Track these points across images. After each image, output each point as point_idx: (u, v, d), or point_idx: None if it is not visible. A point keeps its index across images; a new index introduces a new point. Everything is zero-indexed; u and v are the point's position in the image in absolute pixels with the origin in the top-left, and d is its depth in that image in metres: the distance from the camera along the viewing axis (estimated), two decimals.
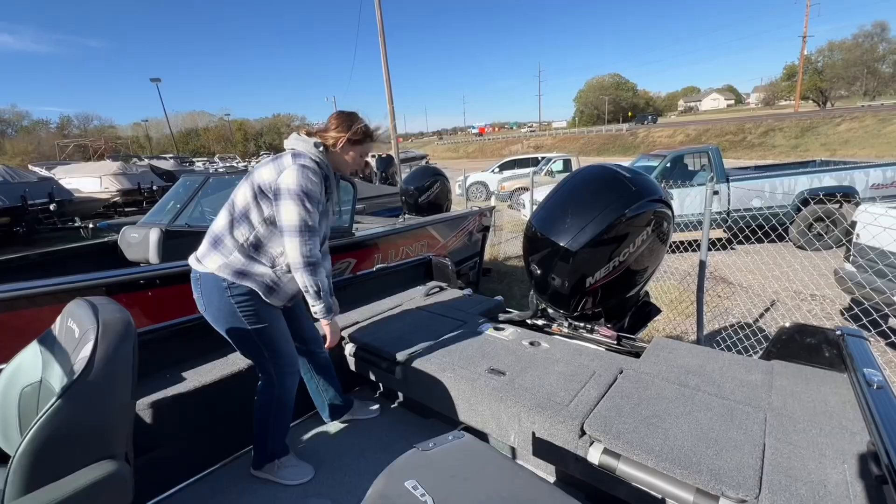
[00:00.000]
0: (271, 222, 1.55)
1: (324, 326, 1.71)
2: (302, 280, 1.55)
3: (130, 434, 1.11)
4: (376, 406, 2.25)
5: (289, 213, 1.48)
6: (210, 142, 68.59)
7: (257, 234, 1.56)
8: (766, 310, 4.54)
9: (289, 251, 1.52)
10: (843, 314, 4.18)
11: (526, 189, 9.10)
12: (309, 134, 1.67)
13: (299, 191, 1.47)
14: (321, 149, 1.62)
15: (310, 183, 1.50)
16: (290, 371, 1.75)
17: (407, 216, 5.56)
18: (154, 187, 12.47)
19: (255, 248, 1.57)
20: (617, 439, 1.37)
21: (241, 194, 1.57)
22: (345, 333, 2.32)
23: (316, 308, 1.63)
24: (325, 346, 1.78)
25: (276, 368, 1.70)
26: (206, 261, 1.57)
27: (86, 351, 1.00)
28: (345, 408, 2.13)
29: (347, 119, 1.69)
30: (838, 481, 1.15)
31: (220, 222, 1.60)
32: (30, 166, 15.27)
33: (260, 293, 1.60)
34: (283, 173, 1.49)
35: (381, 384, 2.15)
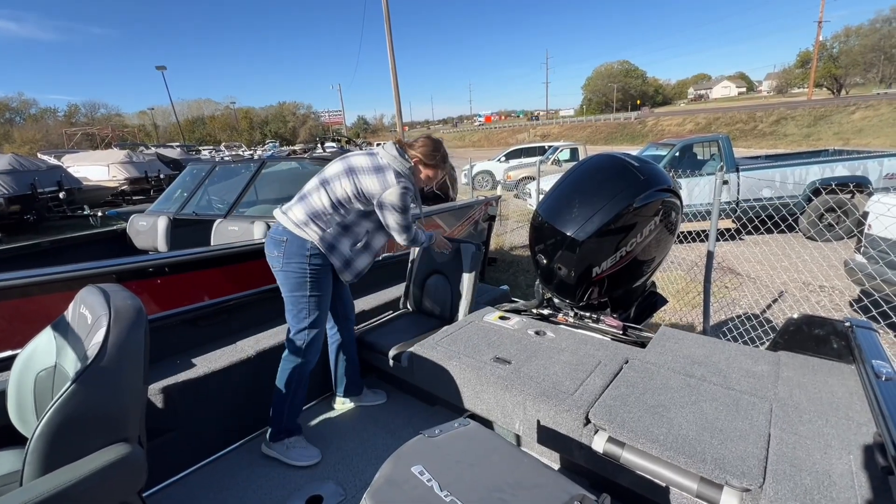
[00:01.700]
0: (363, 215, 1.90)
1: (433, 244, 2.28)
2: (413, 247, 2.41)
3: (143, 418, 1.13)
4: (383, 393, 2.28)
5: (394, 220, 1.89)
6: (216, 130, 68.56)
7: (351, 220, 1.88)
8: (774, 301, 4.50)
9: (398, 240, 1.98)
10: (852, 306, 4.14)
11: (532, 178, 9.04)
12: (402, 145, 1.96)
13: (401, 205, 1.86)
14: (411, 171, 1.94)
15: (406, 201, 1.88)
16: (316, 344, 1.91)
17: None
18: (161, 175, 12.53)
19: (345, 228, 1.88)
20: (622, 428, 1.38)
21: (341, 187, 1.84)
22: None
23: (426, 243, 2.15)
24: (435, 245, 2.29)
25: (308, 336, 1.86)
26: (307, 229, 1.82)
27: (98, 337, 1.02)
28: (357, 389, 2.22)
29: (429, 145, 2.00)
30: (843, 472, 1.15)
31: (318, 200, 1.84)
32: (39, 154, 15.38)
33: (336, 267, 1.90)
34: (388, 191, 1.81)
35: (387, 372, 2.17)
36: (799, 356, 1.77)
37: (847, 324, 1.71)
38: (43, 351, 1.27)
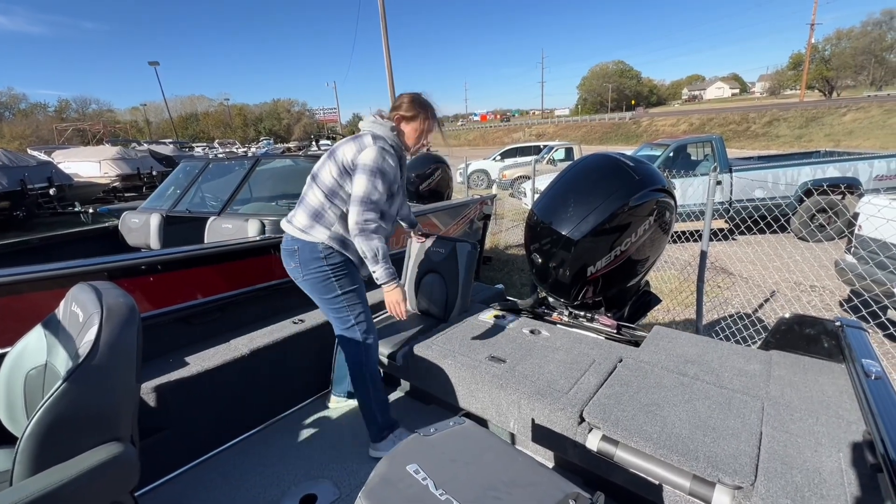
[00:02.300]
0: None
1: (386, 293, 1.76)
2: (359, 245, 1.67)
3: (135, 417, 1.12)
4: None
5: (359, 185, 1.64)
6: (209, 127, 68.03)
7: (348, 207, 1.72)
8: (766, 300, 4.55)
9: (349, 218, 1.66)
10: (842, 305, 4.19)
11: (527, 177, 9.07)
12: (382, 117, 1.80)
13: (375, 167, 1.64)
14: (395, 133, 1.76)
15: (386, 165, 1.66)
16: (372, 339, 1.86)
17: (407, 203, 5.53)
18: (154, 172, 12.39)
19: (346, 220, 1.72)
20: (615, 426, 1.39)
21: (327, 172, 1.72)
22: None
23: (377, 272, 1.70)
24: (389, 312, 1.83)
25: (359, 333, 1.81)
26: (313, 231, 1.72)
27: (90, 335, 1.00)
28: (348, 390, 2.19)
29: (404, 96, 1.83)
30: (833, 469, 1.16)
31: (314, 198, 1.74)
32: (28, 150, 15.17)
33: (354, 262, 1.80)
34: (364, 150, 1.65)
35: (382, 371, 2.17)
36: (790, 355, 1.79)
37: (837, 323, 1.73)
38: (33, 349, 1.25)
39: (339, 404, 2.20)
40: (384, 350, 2.07)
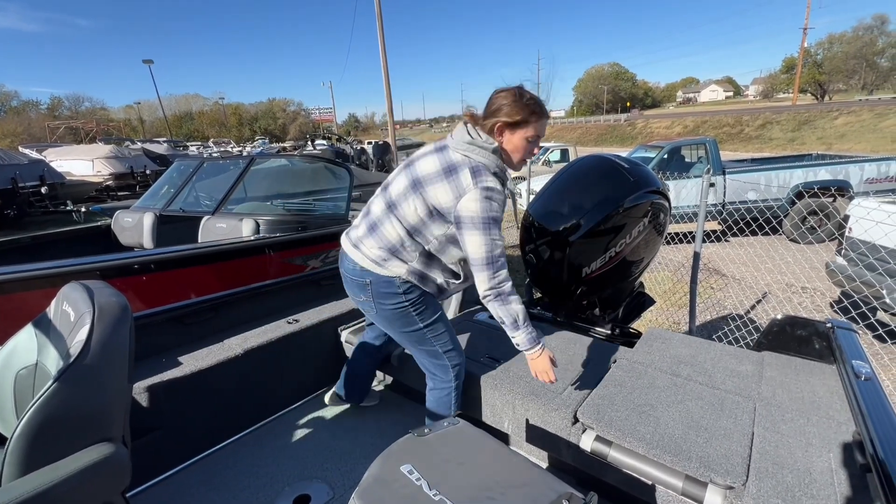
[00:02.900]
0: (447, 239, 1.46)
1: (531, 360, 1.49)
2: (496, 311, 1.43)
3: (127, 417, 1.11)
4: (377, 395, 2.26)
5: (475, 244, 1.35)
6: (204, 126, 67.65)
7: (433, 248, 1.48)
8: (758, 302, 4.59)
9: (478, 283, 1.41)
10: (833, 307, 4.23)
11: (523, 178, 9.09)
12: (474, 119, 1.44)
13: (487, 219, 1.33)
14: (498, 154, 1.41)
15: (496, 208, 1.36)
16: (462, 366, 1.69)
17: None
18: (147, 171, 12.31)
19: (430, 257, 1.49)
20: (609, 427, 1.40)
21: (411, 208, 1.42)
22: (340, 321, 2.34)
23: (518, 338, 1.46)
24: (536, 377, 1.53)
25: (450, 361, 1.63)
26: (389, 265, 1.47)
27: (82, 334, 1.00)
28: (362, 398, 2.14)
29: (505, 94, 1.41)
30: (823, 469, 1.18)
31: (392, 231, 1.45)
32: (20, 148, 15.01)
33: (433, 294, 1.57)
34: (463, 199, 1.33)
35: (376, 371, 2.16)
36: (782, 356, 1.80)
37: (828, 325, 1.75)
38: (23, 349, 1.24)
39: (334, 405, 2.19)
40: None
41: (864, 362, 1.50)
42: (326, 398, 2.15)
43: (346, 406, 2.18)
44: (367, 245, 1.51)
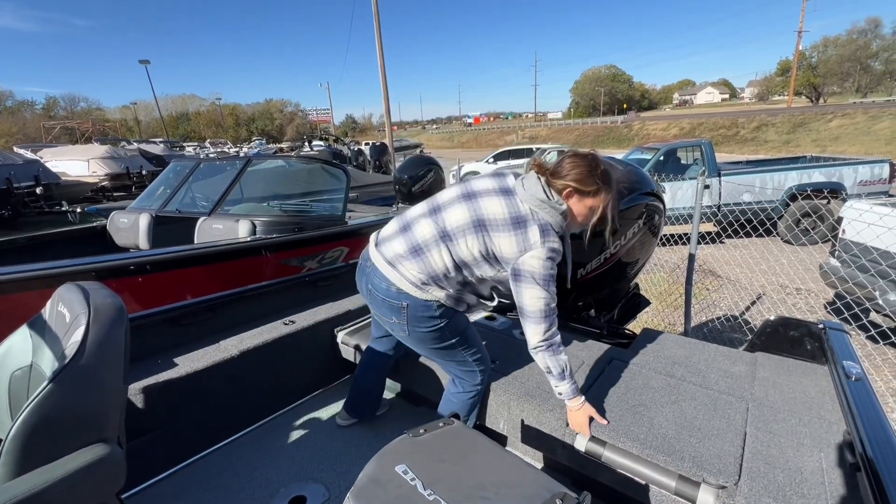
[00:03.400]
0: (494, 279, 1.48)
1: (571, 412, 1.47)
2: (545, 361, 1.43)
3: (122, 418, 1.11)
4: (386, 402, 2.24)
5: (532, 298, 1.37)
6: (201, 126, 67.47)
7: (475, 279, 1.48)
8: (753, 303, 4.62)
9: (531, 335, 1.42)
10: (826, 308, 4.27)
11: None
12: (543, 172, 1.43)
13: (547, 276, 1.35)
14: (565, 217, 1.42)
15: (554, 268, 1.38)
16: (487, 368, 1.69)
17: (400, 205, 5.54)
18: (143, 172, 12.26)
19: (467, 286, 1.50)
20: (603, 427, 1.41)
21: (468, 247, 1.40)
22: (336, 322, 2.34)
23: (560, 389, 1.45)
24: (572, 427, 1.50)
25: (478, 367, 1.64)
26: (429, 290, 1.45)
27: (77, 335, 1.00)
28: (370, 415, 2.08)
29: (581, 162, 1.41)
30: (814, 469, 1.19)
31: (440, 260, 1.42)
32: (15, 148, 14.93)
33: (460, 311, 1.58)
34: (527, 254, 1.34)
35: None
36: (775, 357, 1.82)
37: (820, 326, 1.77)
38: (18, 350, 1.24)
39: (330, 406, 2.20)
40: None
41: (855, 363, 1.52)
42: (338, 419, 2.05)
43: (342, 408, 2.18)
44: (406, 267, 1.45)
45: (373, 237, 1.61)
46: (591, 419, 1.45)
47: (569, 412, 1.49)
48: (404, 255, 1.46)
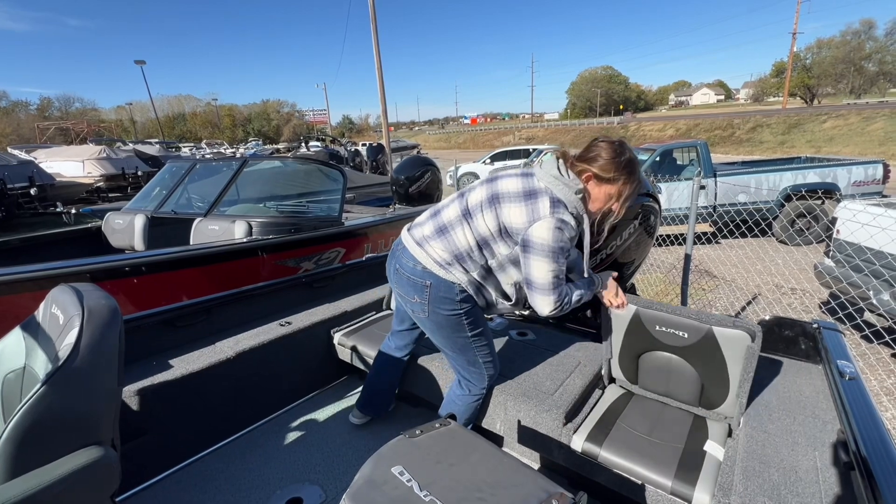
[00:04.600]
0: (509, 260, 1.47)
1: (605, 298, 1.59)
2: (567, 310, 1.48)
3: (117, 420, 1.10)
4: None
5: (541, 270, 1.37)
6: (197, 127, 67.30)
7: (495, 263, 1.49)
8: (748, 303, 4.64)
9: (540, 306, 1.43)
10: (821, 308, 4.29)
11: None
12: (567, 158, 1.46)
13: (555, 248, 1.35)
14: (581, 196, 1.41)
15: (565, 241, 1.36)
16: (496, 373, 1.70)
17: (397, 206, 5.54)
18: (139, 172, 12.21)
19: (489, 273, 1.51)
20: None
21: (483, 222, 1.44)
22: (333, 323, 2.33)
23: (588, 295, 1.53)
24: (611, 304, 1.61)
25: (487, 371, 1.64)
26: (454, 270, 1.47)
27: (71, 337, 0.99)
28: (382, 412, 2.07)
29: (607, 147, 1.40)
30: (809, 468, 1.20)
31: (463, 238, 1.46)
32: (9, 149, 14.83)
33: (482, 307, 1.59)
34: (536, 224, 1.34)
35: (368, 373, 2.16)
36: (769, 356, 1.83)
37: (815, 325, 1.78)
38: (11, 352, 1.23)
39: (327, 407, 2.19)
40: (371, 353, 2.07)
41: (850, 362, 1.53)
42: (352, 418, 2.04)
43: (339, 409, 2.18)
44: (433, 246, 1.50)
45: (407, 225, 1.66)
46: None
47: (604, 297, 1.60)
48: (431, 236, 1.51)
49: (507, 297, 1.57)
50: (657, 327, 1.53)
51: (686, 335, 1.47)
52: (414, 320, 1.68)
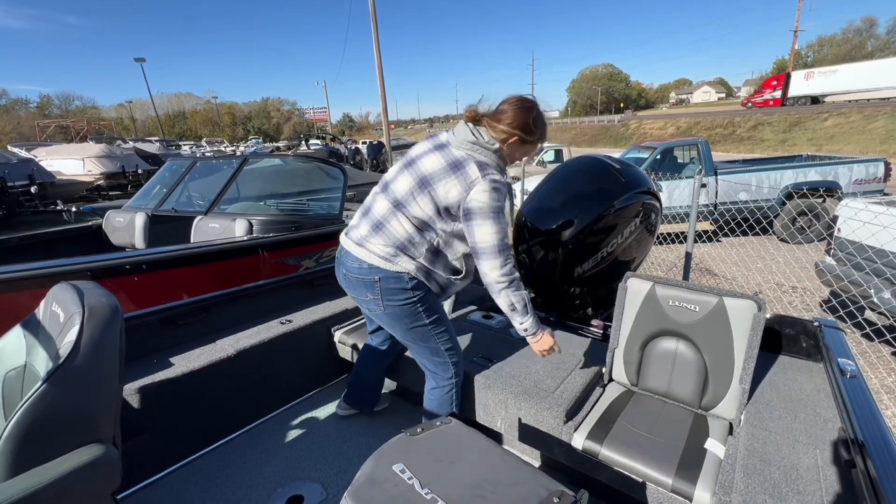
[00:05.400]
0: (453, 234, 1.50)
1: (533, 344, 1.56)
2: (508, 298, 1.47)
3: (118, 418, 1.11)
4: (388, 395, 2.24)
5: (486, 233, 1.40)
6: (197, 125, 67.28)
7: (440, 242, 1.51)
8: None
9: (490, 270, 1.44)
10: (822, 306, 4.29)
11: (517, 179, 9.13)
12: (476, 121, 1.47)
13: (496, 208, 1.39)
14: (499, 154, 1.47)
15: (501, 200, 1.41)
16: (460, 361, 1.70)
17: None
18: (139, 170, 12.21)
19: (436, 253, 1.53)
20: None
21: (417, 206, 1.45)
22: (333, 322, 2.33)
23: (525, 324, 1.50)
24: (543, 355, 1.60)
25: (450, 359, 1.65)
26: (398, 260, 1.49)
27: (71, 335, 0.99)
28: (371, 406, 2.11)
29: (526, 113, 1.45)
30: (810, 466, 1.20)
31: (399, 228, 1.48)
32: (9, 147, 14.82)
33: (434, 292, 1.60)
34: (472, 191, 1.38)
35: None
36: (771, 355, 1.83)
37: (816, 324, 1.78)
38: (12, 350, 1.23)
39: (326, 406, 2.19)
40: None
41: (851, 360, 1.53)
42: (335, 408, 2.09)
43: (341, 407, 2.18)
44: (373, 243, 1.51)
45: (343, 231, 1.68)
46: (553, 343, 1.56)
47: (534, 345, 1.56)
48: (369, 234, 1.53)
49: (456, 272, 1.59)
50: (670, 302, 1.57)
51: (697, 308, 1.52)
52: (373, 318, 1.68)
